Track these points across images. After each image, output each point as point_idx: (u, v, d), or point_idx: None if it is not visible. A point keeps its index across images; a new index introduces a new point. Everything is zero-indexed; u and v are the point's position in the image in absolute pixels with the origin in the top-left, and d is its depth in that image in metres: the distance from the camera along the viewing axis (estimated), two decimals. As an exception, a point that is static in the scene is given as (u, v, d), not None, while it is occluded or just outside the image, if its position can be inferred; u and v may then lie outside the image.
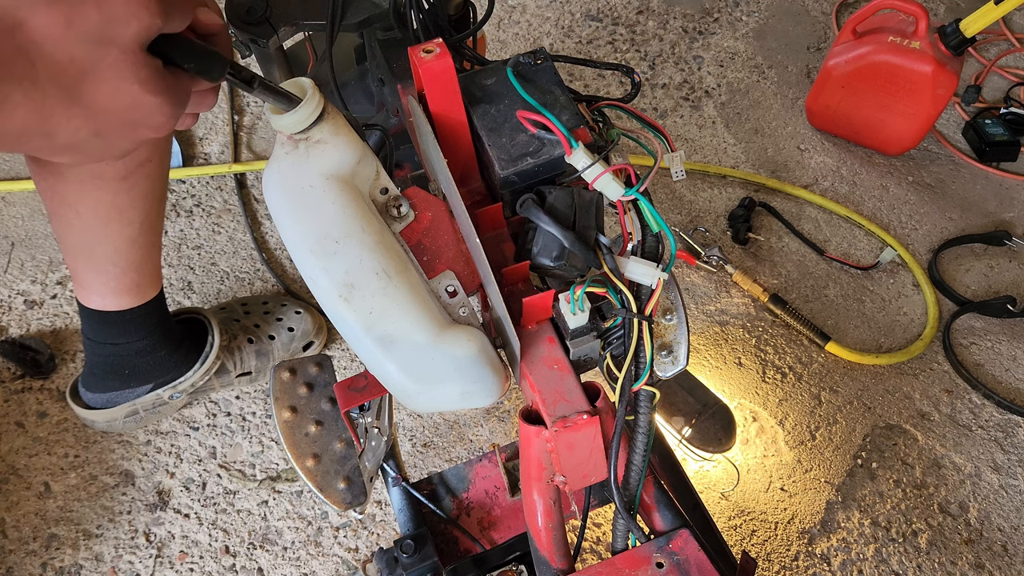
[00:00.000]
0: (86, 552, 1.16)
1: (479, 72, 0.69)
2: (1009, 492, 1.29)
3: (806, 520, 1.24)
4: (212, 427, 1.28)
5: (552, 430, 0.58)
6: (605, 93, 1.82)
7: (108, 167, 0.94)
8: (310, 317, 1.34)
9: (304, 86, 0.56)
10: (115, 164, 0.94)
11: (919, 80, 1.55)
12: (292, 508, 1.21)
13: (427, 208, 0.61)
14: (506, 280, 0.65)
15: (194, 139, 1.66)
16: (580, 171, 0.63)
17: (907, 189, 1.71)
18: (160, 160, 1.00)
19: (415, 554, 0.79)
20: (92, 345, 1.15)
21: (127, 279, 1.08)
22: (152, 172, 0.99)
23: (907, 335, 1.48)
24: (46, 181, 0.97)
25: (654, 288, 0.62)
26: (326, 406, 0.80)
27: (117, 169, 0.95)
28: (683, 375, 1.28)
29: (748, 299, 1.50)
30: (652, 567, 0.66)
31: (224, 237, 1.52)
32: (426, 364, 0.57)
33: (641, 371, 0.62)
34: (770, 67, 1.93)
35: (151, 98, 0.47)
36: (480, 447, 1.29)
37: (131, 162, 0.95)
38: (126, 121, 0.48)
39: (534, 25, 1.97)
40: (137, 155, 0.95)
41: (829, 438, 1.33)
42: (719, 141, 1.77)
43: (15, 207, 1.53)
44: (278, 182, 0.57)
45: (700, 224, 1.60)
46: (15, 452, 1.23)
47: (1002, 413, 1.38)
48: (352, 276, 0.55)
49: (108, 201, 0.98)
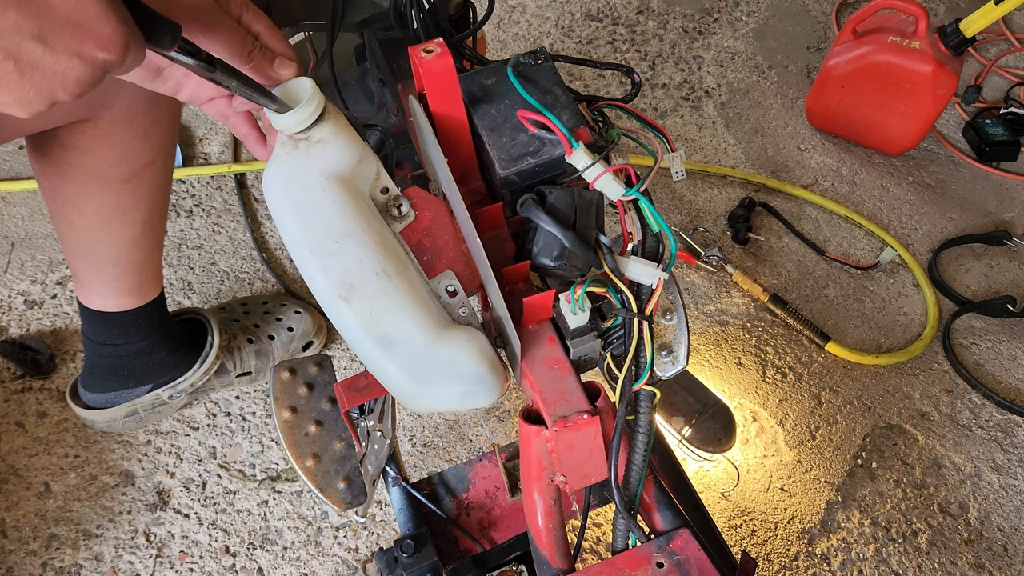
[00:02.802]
0: (86, 552, 1.16)
1: (479, 72, 0.69)
2: (1009, 492, 1.29)
3: (806, 520, 1.24)
4: (212, 427, 1.28)
5: (552, 430, 0.58)
6: (605, 93, 1.82)
7: (112, 168, 0.94)
8: (310, 317, 1.34)
9: (304, 86, 0.55)
10: (119, 165, 0.94)
11: (919, 80, 1.55)
12: (292, 508, 1.21)
13: (427, 208, 0.61)
14: (506, 280, 0.65)
15: (194, 139, 1.66)
16: (580, 171, 0.63)
17: (907, 189, 1.71)
18: (164, 162, 1.00)
19: (415, 554, 0.79)
20: (92, 345, 1.15)
21: (128, 280, 1.08)
22: (156, 174, 0.99)
23: (907, 335, 1.48)
24: (49, 181, 0.97)
25: (654, 288, 0.62)
26: (326, 406, 0.80)
27: (121, 171, 0.95)
28: (683, 375, 1.28)
29: (748, 299, 1.50)
30: (652, 567, 0.66)
31: (224, 237, 1.52)
32: (426, 364, 0.56)
33: (641, 371, 0.62)
34: (770, 67, 1.93)
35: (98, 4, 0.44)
36: (480, 447, 1.29)
37: (135, 164, 0.95)
38: (70, 23, 0.44)
39: (534, 25, 1.97)
40: (142, 156, 0.95)
41: (829, 438, 1.33)
42: (719, 141, 1.77)
43: (15, 207, 1.53)
44: (278, 182, 0.57)
45: (700, 224, 1.60)
46: (15, 452, 1.23)
47: (1002, 413, 1.38)
48: (352, 276, 0.55)
49: (112, 202, 0.98)
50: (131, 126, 0.91)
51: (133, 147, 0.93)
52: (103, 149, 0.91)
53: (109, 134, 0.90)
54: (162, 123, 0.94)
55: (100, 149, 0.91)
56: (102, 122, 0.88)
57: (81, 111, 0.86)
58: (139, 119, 0.91)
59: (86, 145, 0.90)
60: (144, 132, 0.93)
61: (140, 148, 0.94)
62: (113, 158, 0.93)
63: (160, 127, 0.94)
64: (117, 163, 0.93)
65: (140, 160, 0.95)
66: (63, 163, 0.93)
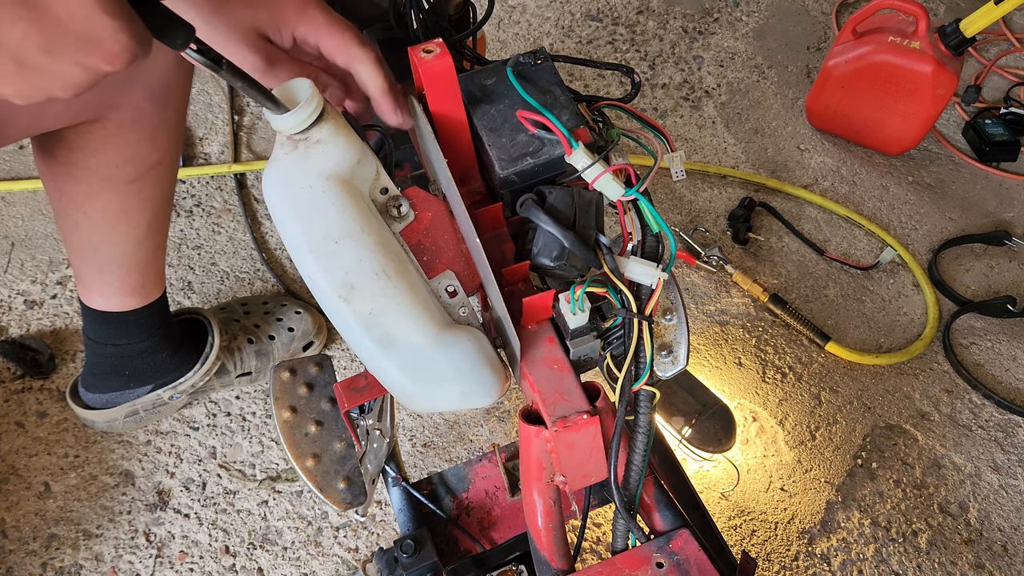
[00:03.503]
0: (86, 552, 1.16)
1: (479, 72, 0.69)
2: (1009, 492, 1.29)
3: (806, 520, 1.24)
4: (212, 427, 1.28)
5: (552, 430, 0.58)
6: (605, 93, 1.82)
7: (118, 169, 0.94)
8: (310, 317, 1.34)
9: (303, 87, 0.55)
10: (125, 166, 0.94)
11: (919, 80, 1.55)
12: (292, 508, 1.21)
13: (427, 208, 0.61)
14: (506, 280, 0.65)
15: (194, 139, 1.66)
16: (580, 171, 0.63)
17: (907, 189, 1.71)
18: (170, 164, 1.00)
19: (415, 554, 0.79)
20: (93, 345, 1.15)
21: (131, 280, 1.08)
22: (162, 175, 0.99)
23: (907, 335, 1.48)
24: (55, 182, 0.97)
25: (654, 288, 0.62)
26: (326, 406, 0.80)
27: (127, 172, 0.95)
28: (683, 375, 1.28)
29: (748, 299, 1.50)
30: (652, 567, 0.66)
31: (224, 237, 1.52)
32: (426, 364, 0.57)
33: (641, 371, 0.62)
34: (770, 67, 1.93)
35: (108, 20, 0.44)
36: (480, 447, 1.29)
37: (142, 165, 0.95)
38: (78, 38, 0.44)
39: (534, 25, 1.97)
40: (148, 157, 0.95)
41: (829, 438, 1.33)
42: (719, 141, 1.77)
43: (15, 207, 1.53)
44: (278, 182, 0.57)
45: (700, 224, 1.60)
46: (15, 452, 1.23)
47: (1002, 413, 1.38)
48: (352, 276, 0.55)
49: (117, 203, 0.98)
50: (138, 127, 0.91)
51: (140, 148, 0.93)
52: (110, 150, 0.92)
53: (116, 135, 0.90)
54: (168, 124, 0.94)
55: (107, 150, 0.91)
56: (109, 123, 0.88)
57: (88, 112, 0.86)
58: (146, 120, 0.91)
59: (92, 146, 0.91)
60: (151, 133, 0.93)
61: (147, 149, 0.94)
62: (120, 159, 0.93)
63: (166, 128, 0.94)
64: (123, 164, 0.94)
65: (147, 161, 0.95)
66: (69, 164, 0.93)
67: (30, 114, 0.79)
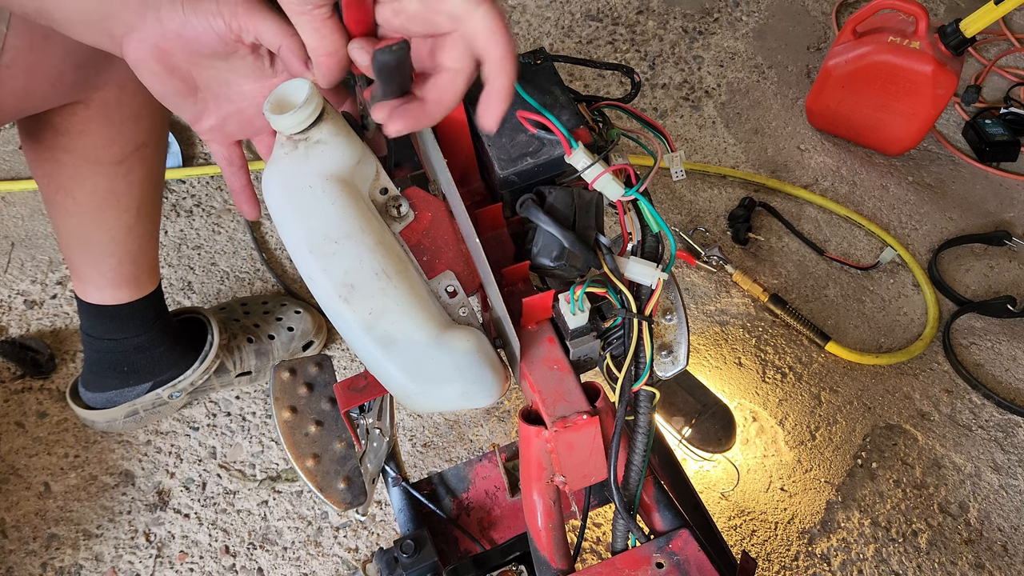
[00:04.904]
0: (86, 552, 1.16)
1: (479, 72, 0.69)
2: (1009, 492, 1.29)
3: (806, 520, 1.24)
4: (212, 427, 1.28)
5: (552, 430, 0.58)
6: (605, 93, 1.82)
7: (104, 151, 0.95)
8: (310, 317, 1.34)
9: (303, 87, 0.55)
10: (111, 147, 0.95)
11: (919, 80, 1.55)
12: (292, 508, 1.21)
13: (427, 208, 0.61)
14: (506, 280, 0.65)
15: (194, 139, 1.66)
16: (580, 171, 0.63)
17: (907, 189, 1.71)
18: (156, 145, 1.00)
19: (415, 554, 0.79)
20: (91, 341, 1.16)
21: (125, 271, 1.08)
22: (148, 157, 1.00)
23: (907, 335, 1.48)
24: (42, 168, 0.98)
25: (654, 288, 0.62)
26: (326, 406, 0.80)
27: (113, 153, 0.95)
28: (683, 375, 1.28)
29: (748, 299, 1.50)
30: (652, 567, 0.66)
31: (224, 237, 1.52)
32: (426, 364, 0.56)
33: (641, 371, 0.62)
34: (770, 67, 1.93)
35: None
36: (480, 447, 1.29)
37: (128, 145, 0.96)
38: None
39: (534, 25, 1.97)
40: (134, 138, 0.96)
41: (829, 438, 1.33)
42: (719, 141, 1.77)
43: (15, 207, 1.53)
44: (277, 182, 0.57)
45: (700, 224, 1.60)
46: (15, 452, 1.23)
47: (1002, 413, 1.38)
48: (352, 276, 0.55)
49: (104, 186, 0.98)
50: (122, 107, 0.92)
51: (125, 128, 0.94)
52: (96, 131, 0.92)
53: (101, 115, 0.91)
54: (152, 104, 0.95)
55: (92, 130, 0.92)
56: (93, 103, 0.89)
57: (73, 92, 0.86)
58: (129, 100, 0.92)
59: (78, 128, 0.91)
60: (135, 113, 0.94)
61: (132, 129, 0.95)
62: (105, 140, 0.94)
63: (150, 109, 0.95)
64: (109, 145, 0.94)
65: (132, 142, 0.96)
66: (56, 148, 0.94)
67: (17, 95, 0.79)
